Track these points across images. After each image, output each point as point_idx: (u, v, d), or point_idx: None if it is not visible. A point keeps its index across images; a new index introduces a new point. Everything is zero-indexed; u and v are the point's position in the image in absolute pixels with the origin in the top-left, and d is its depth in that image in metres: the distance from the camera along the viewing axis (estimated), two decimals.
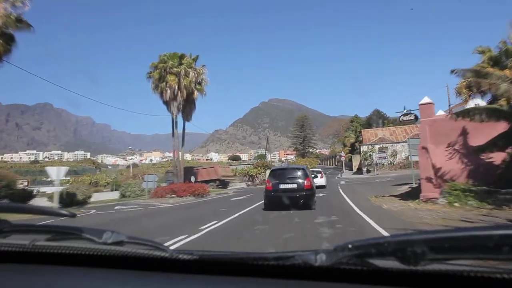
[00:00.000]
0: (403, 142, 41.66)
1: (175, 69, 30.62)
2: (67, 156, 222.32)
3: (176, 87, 30.50)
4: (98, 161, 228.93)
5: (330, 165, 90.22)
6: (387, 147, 40.22)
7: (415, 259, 0.72)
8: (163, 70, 30.70)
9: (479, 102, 16.76)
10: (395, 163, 40.20)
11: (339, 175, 45.01)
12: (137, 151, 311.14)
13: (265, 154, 69.91)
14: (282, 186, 10.96)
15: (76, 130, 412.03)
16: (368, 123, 70.15)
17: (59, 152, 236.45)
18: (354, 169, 63.29)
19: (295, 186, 10.90)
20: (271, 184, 11.19)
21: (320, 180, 23.26)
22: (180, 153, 34.14)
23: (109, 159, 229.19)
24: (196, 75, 32.42)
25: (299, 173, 11.33)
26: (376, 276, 0.81)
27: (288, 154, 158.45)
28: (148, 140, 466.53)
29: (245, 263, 0.93)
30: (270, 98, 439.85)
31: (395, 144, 41.44)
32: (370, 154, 40.93)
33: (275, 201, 10.94)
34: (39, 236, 1.13)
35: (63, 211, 1.32)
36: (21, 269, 1.09)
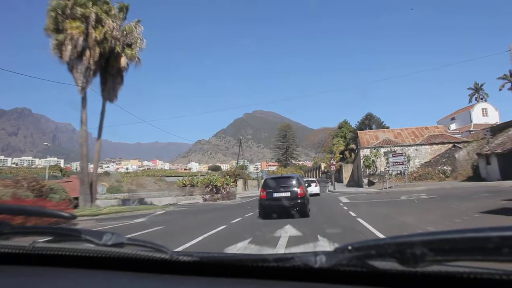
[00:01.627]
0: (418, 145, 30.39)
1: (79, 10, 18.41)
2: (38, 162, 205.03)
3: (81, 39, 18.35)
4: (72, 168, 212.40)
5: (314, 176, 78.76)
6: (395, 151, 28.81)
7: (415, 260, 0.69)
8: (61, 13, 18.49)
9: None
10: (406, 173, 28.66)
11: (331, 188, 33.26)
12: (117, 160, 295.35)
13: (239, 161, 57.85)
14: (276, 194, 10.61)
15: (55, 136, 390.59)
16: (360, 129, 59.39)
17: (30, 158, 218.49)
18: (345, 181, 51.76)
19: (288, 194, 10.54)
20: (265, 192, 10.83)
21: (314, 189, 23.64)
22: (95, 153, 21.85)
23: None
24: (122, 30, 20.49)
25: (293, 181, 10.99)
26: (375, 278, 0.79)
27: (270, 165, 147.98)
28: (130, 148, 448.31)
29: (245, 265, 0.90)
30: (254, 110, 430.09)
31: (406, 148, 30.06)
32: (373, 160, 29.41)
33: (269, 209, 10.46)
34: (39, 238, 1.09)
35: (63, 213, 1.28)
36: (21, 271, 1.05)
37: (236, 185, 41.44)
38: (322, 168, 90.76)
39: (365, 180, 30.00)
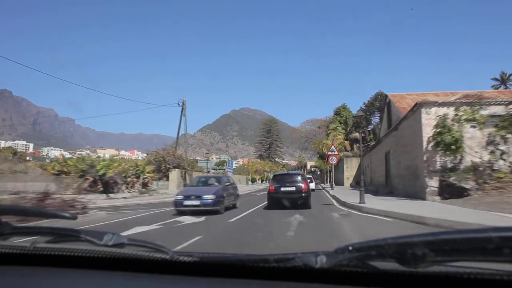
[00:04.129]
0: None
1: None
2: (4, 145, 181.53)
3: None
4: (42, 154, 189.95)
5: None
6: None
7: (415, 261, 0.67)
8: None
9: None
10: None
11: (342, 197, 15.27)
12: (98, 148, 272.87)
13: (213, 154, 39.85)
14: (283, 188, 11.55)
15: (36, 121, 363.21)
16: (367, 112, 41.52)
17: None
18: (346, 182, 33.79)
19: (294, 188, 11.48)
20: (273, 187, 11.77)
21: (310, 185, 20.73)
22: None
23: (54, 152, 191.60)
24: None
25: (298, 178, 12.07)
26: (376, 278, 0.77)
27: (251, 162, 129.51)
28: (114, 138, 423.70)
29: (245, 265, 0.88)
30: (241, 107, 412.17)
31: None
32: (461, 136, 11.25)
33: (277, 201, 11.42)
34: (40, 238, 1.07)
35: (64, 213, 1.26)
36: (22, 271, 1.03)
37: (166, 179, 22.77)
38: (308, 167, 73.37)
39: (432, 183, 11.89)
